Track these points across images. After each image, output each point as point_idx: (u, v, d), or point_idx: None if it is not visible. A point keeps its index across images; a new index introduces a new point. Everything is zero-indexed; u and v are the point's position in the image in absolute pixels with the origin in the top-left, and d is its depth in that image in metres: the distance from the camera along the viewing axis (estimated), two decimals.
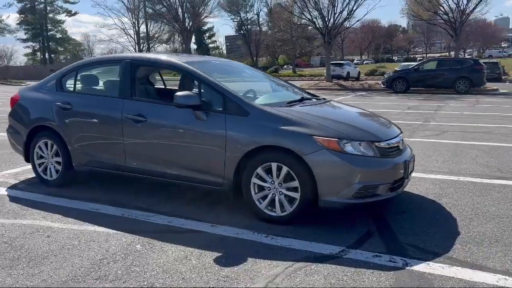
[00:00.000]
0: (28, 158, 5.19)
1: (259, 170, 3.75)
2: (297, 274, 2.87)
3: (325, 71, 30.51)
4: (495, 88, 21.85)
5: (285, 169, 3.63)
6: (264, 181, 3.76)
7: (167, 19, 29.98)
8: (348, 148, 3.55)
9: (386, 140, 3.79)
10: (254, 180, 3.79)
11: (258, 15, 73.86)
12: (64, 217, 4.03)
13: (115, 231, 3.67)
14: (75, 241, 3.49)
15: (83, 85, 5.06)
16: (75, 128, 4.70)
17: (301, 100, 4.45)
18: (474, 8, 25.37)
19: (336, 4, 24.74)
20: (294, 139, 3.59)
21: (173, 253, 3.23)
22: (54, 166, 4.96)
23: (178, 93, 3.98)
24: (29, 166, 5.89)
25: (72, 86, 4.99)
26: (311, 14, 26.28)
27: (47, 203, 4.46)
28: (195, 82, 4.35)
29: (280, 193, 3.70)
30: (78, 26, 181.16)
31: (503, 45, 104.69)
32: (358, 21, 34.26)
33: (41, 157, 5.03)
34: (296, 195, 3.63)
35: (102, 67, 5.23)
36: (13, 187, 5.08)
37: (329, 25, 25.54)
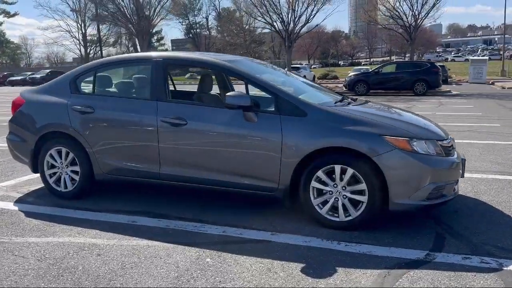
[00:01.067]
0: (35, 169, 4.68)
1: (320, 173, 3.56)
2: (401, 282, 2.72)
3: None
4: (448, 89, 22.96)
5: (350, 171, 3.47)
6: (325, 184, 3.58)
7: (121, 21, 28.86)
8: (418, 147, 3.45)
9: (446, 139, 3.74)
10: (314, 184, 3.60)
11: (207, 19, 73.48)
12: (102, 232, 3.64)
13: (171, 245, 3.35)
14: (133, 258, 3.13)
15: (104, 86, 4.64)
16: (98, 133, 4.28)
17: (343, 99, 4.32)
18: (427, 14, 26.66)
19: (296, 8, 25.01)
20: (363, 139, 3.44)
21: (252, 266, 2.98)
22: (69, 176, 4.49)
23: (230, 93, 3.72)
24: (25, 177, 5.43)
25: (91, 87, 4.55)
26: (271, 18, 26.40)
27: (72, 217, 4.03)
28: (244, 82, 4.07)
29: (344, 197, 3.54)
30: (11, 28, 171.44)
31: (437, 50, 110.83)
32: (317, 25, 34.71)
33: (53, 166, 4.54)
34: (363, 199, 3.48)
35: (126, 67, 4.83)
36: (20, 201, 4.56)
37: (289, 29, 25.76)
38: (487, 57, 39.67)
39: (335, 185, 3.55)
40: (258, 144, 3.72)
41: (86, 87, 4.59)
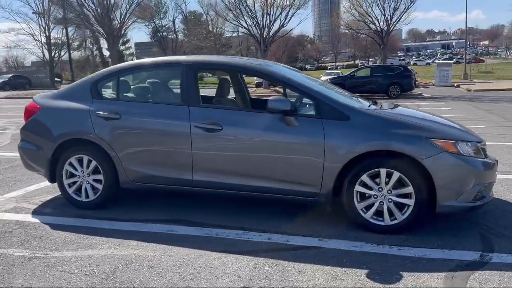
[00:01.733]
0: (53, 178, 4.45)
1: (365, 177, 3.56)
2: (471, 283, 2.74)
3: (254, 78, 30.78)
4: (419, 92, 23.64)
5: (396, 174, 3.48)
6: (370, 188, 3.57)
7: (91, 24, 28.00)
8: (462, 149, 3.50)
9: (482, 141, 3.82)
10: (358, 188, 3.59)
11: (173, 22, 72.73)
12: (143, 243, 3.49)
13: (221, 254, 3.25)
14: (188, 269, 3.02)
15: (129, 91, 4.47)
16: (125, 140, 4.11)
17: (376, 103, 4.34)
18: (399, 19, 27.43)
19: (272, 13, 25.15)
20: (410, 142, 3.45)
21: (314, 273, 2.93)
22: (91, 185, 4.30)
23: (272, 98, 3.66)
24: (32, 187, 5.22)
25: (114, 93, 4.38)
26: (246, 22, 26.44)
27: (101, 228, 3.85)
28: (285, 87, 4.01)
29: (389, 200, 3.54)
30: None
31: (399, 54, 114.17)
32: (291, 30, 35.08)
33: (72, 175, 4.34)
34: (409, 202, 3.49)
35: (152, 72, 4.66)
36: (37, 212, 4.32)
37: (264, 33, 25.87)
38: (452, 61, 41.06)
39: (380, 189, 3.55)
40: (299, 149, 3.67)
41: (108, 92, 4.42)
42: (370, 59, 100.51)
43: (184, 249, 3.36)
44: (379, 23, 27.61)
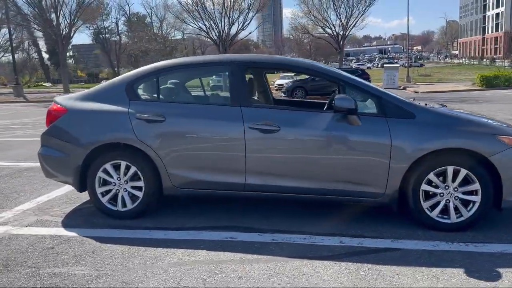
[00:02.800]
0: (83, 187, 4.08)
1: (431, 176, 3.55)
2: None
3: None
4: None
5: (463, 172, 3.50)
6: (437, 187, 3.57)
7: (37, 24, 26.30)
8: None
9: None
10: (424, 187, 3.57)
11: (117, 24, 70.40)
12: (211, 252, 3.27)
13: (305, 260, 3.11)
14: (282, 277, 2.84)
15: (171, 92, 4.17)
16: (170, 144, 3.84)
17: (425, 104, 4.36)
18: (354, 24, 28.29)
19: (231, 16, 25.02)
20: (477, 139, 3.48)
21: (414, 275, 2.86)
22: (128, 193, 3.98)
23: (339, 96, 3.56)
24: (42, 197, 4.86)
25: (155, 94, 4.08)
26: (205, 24, 26.12)
27: (158, 238, 3.59)
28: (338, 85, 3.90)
29: (456, 198, 3.56)
30: None
31: (348, 58, 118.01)
32: (250, 33, 35.09)
33: (106, 183, 3.99)
34: (475, 199, 3.52)
35: (195, 71, 4.36)
36: (68, 225, 3.93)
37: (223, 36, 25.69)
38: (399, 64, 42.94)
39: (446, 187, 3.55)
40: (363, 149, 3.60)
41: (145, 93, 4.11)
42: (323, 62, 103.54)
43: (260, 256, 3.18)
44: (335, 28, 28.41)
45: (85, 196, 4.64)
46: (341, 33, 28.41)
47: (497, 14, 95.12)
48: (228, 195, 3.91)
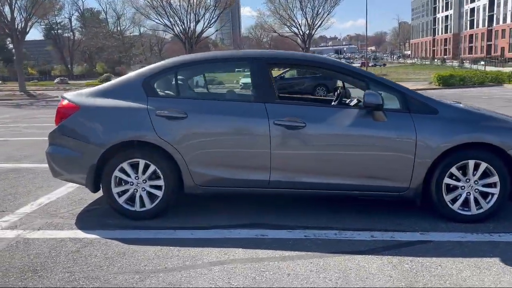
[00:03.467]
0: (97, 187, 3.91)
1: (454, 170, 3.66)
2: None
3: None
4: None
5: (484, 165, 3.62)
6: (458, 180, 3.69)
7: None
8: None
9: None
10: (447, 180, 3.68)
11: (70, 19, 67.94)
12: (248, 250, 3.22)
13: (345, 255, 3.12)
14: (330, 272, 2.84)
15: (191, 88, 4.06)
16: (192, 141, 3.74)
17: None
18: (320, 24, 28.70)
19: (198, 12, 24.73)
20: (499, 134, 3.62)
21: (456, 266, 2.93)
22: (147, 192, 3.85)
23: (368, 92, 3.59)
24: (42, 199, 4.58)
25: (174, 90, 3.97)
26: (170, 20, 25.66)
27: (185, 238, 3.49)
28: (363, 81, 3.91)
29: (476, 190, 3.68)
30: None
31: None
32: (217, 30, 34.77)
33: (121, 182, 3.85)
34: (494, 191, 3.66)
35: (214, 67, 4.25)
36: (84, 227, 3.76)
37: (189, 32, 25.35)
38: (359, 64, 44.00)
39: (467, 180, 3.67)
40: (388, 144, 3.66)
41: (170, 89, 3.99)
42: None
43: (299, 252, 3.17)
44: (301, 27, 28.71)
45: (88, 196, 4.49)
46: (307, 32, 28.83)
47: (446, 17, 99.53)
48: (252, 192, 3.87)
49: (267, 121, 3.68)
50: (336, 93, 4.86)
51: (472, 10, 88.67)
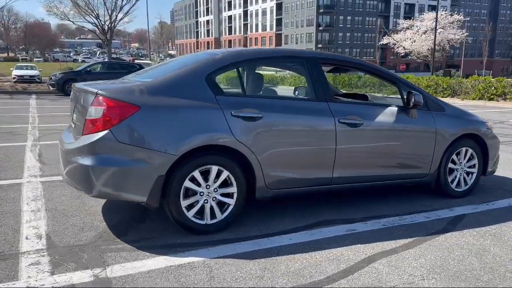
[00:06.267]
0: (158, 202, 3.26)
1: (454, 156, 4.54)
2: None
3: None
4: None
5: (470, 151, 4.63)
6: (454, 163, 4.58)
7: None
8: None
9: None
10: (450, 165, 4.53)
11: None
12: (364, 245, 3.31)
13: (431, 237, 3.54)
14: (452, 251, 3.25)
15: (257, 86, 3.68)
16: (268, 142, 3.53)
17: None
18: (122, 18, 26.90)
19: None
20: (481, 126, 4.65)
21: (505, 230, 3.73)
22: (218, 202, 3.44)
23: (415, 93, 4.07)
24: (60, 228, 3.65)
25: (238, 87, 3.58)
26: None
27: (280, 245, 3.27)
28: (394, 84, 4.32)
29: (464, 171, 4.66)
30: None
31: (56, 50, 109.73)
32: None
33: (188, 194, 3.34)
34: (474, 171, 4.70)
35: (272, 63, 3.88)
36: (162, 252, 3.10)
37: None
38: (149, 61, 43.32)
39: (460, 163, 4.61)
40: (420, 136, 4.26)
41: (234, 87, 3.59)
42: (29, 52, 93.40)
43: (401, 240, 3.39)
44: (99, 19, 26.46)
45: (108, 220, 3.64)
46: (108, 24, 26.83)
47: (208, 21, 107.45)
48: (316, 190, 3.89)
49: (333, 119, 3.79)
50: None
51: (230, 17, 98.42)
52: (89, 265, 2.85)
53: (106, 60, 31.20)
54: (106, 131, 3.08)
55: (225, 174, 3.40)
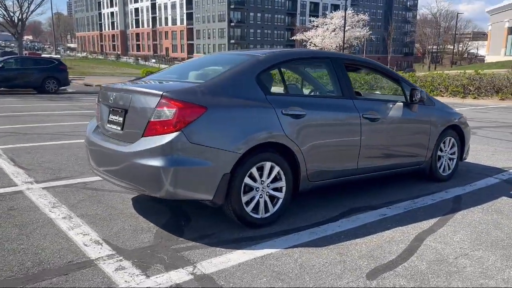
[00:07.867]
0: (223, 200, 3.35)
1: (441, 144, 5.15)
2: None
3: None
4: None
5: (452, 140, 5.28)
6: (441, 151, 5.20)
7: None
8: None
9: None
10: (439, 153, 5.14)
11: None
12: (403, 227, 3.71)
13: (451, 215, 4.06)
14: (477, 225, 3.77)
15: (295, 85, 3.84)
16: (311, 138, 3.78)
17: None
18: (34, 10, 24.57)
19: None
20: (458, 117, 5.31)
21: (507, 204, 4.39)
22: (270, 196, 3.62)
23: (421, 90, 4.55)
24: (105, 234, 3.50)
25: (281, 86, 3.76)
26: None
27: (325, 236, 3.55)
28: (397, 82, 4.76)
29: (448, 158, 5.30)
30: None
31: None
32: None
33: (246, 189, 3.47)
34: (455, 156, 5.38)
35: (307, 64, 4.04)
36: (222, 251, 3.21)
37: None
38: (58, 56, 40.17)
39: (445, 151, 5.24)
40: (420, 127, 4.80)
41: (272, 86, 3.76)
42: None
43: (428, 221, 3.88)
44: (8, 11, 23.89)
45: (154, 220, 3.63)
46: (18, 15, 24.40)
47: (112, 13, 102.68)
48: (344, 181, 4.21)
49: (359, 115, 4.14)
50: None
51: (137, 10, 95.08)
52: (177, 265, 2.87)
53: (18, 55, 28.66)
54: (177, 132, 3.10)
55: (276, 169, 3.57)
